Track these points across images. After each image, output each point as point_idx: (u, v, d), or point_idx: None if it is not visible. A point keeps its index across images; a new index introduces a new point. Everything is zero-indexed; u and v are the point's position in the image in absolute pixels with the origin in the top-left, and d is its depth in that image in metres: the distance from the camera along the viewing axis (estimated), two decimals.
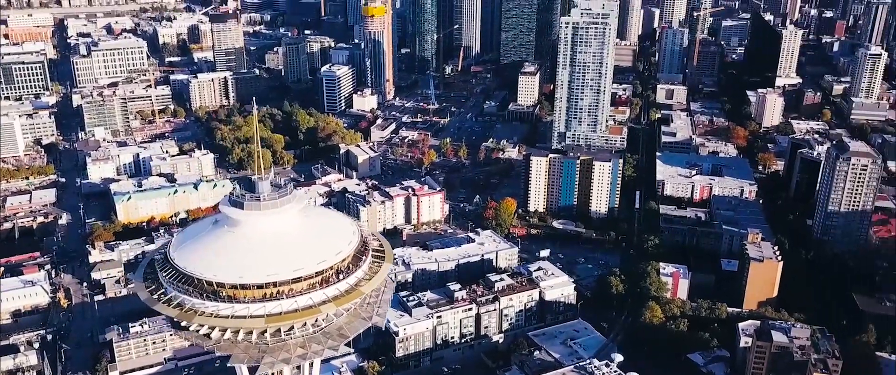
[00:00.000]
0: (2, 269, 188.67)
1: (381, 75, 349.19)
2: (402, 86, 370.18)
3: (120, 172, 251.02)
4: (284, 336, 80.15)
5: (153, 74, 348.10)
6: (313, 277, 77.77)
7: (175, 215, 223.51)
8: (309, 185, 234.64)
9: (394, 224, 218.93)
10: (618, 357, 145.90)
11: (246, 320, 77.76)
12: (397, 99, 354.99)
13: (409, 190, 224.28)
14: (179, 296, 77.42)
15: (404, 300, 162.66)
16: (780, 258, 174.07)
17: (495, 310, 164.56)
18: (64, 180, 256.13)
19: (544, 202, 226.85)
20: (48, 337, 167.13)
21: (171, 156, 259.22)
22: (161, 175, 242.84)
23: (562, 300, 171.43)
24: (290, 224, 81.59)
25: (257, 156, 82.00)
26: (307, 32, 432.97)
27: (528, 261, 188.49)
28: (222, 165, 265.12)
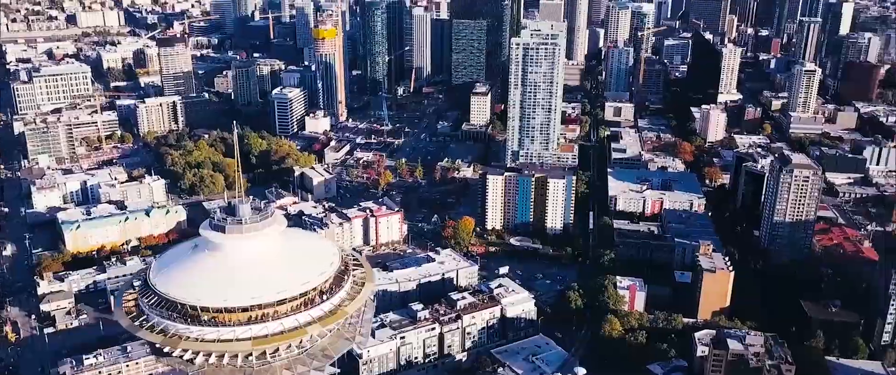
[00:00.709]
0: None
1: (333, 97, 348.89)
2: (354, 107, 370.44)
3: (67, 200, 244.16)
4: (270, 358, 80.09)
5: (98, 100, 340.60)
6: (298, 298, 77.94)
7: (126, 243, 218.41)
8: None
9: (352, 246, 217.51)
10: (581, 371, 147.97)
11: (232, 343, 77.52)
12: (350, 120, 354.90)
13: (367, 211, 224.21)
14: (163, 322, 76.42)
15: None
16: (731, 268, 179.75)
17: (458, 329, 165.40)
18: (7, 209, 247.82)
19: (501, 220, 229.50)
20: None
21: (121, 183, 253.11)
22: (110, 202, 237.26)
23: (523, 316, 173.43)
24: (271, 246, 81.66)
25: (238, 180, 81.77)
26: (256, 55, 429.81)
27: (488, 279, 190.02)
28: (174, 190, 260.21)
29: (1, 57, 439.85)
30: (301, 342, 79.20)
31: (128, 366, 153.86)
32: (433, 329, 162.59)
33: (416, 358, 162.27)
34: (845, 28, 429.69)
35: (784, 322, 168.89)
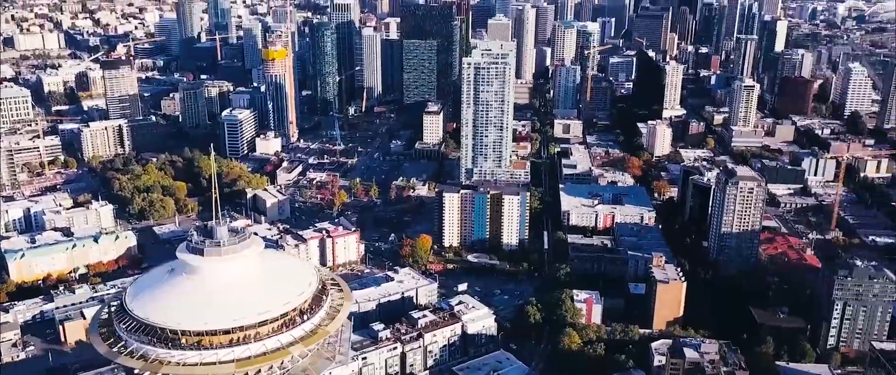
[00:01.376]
0: None
1: (284, 118, 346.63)
2: (305, 128, 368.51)
3: (9, 228, 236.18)
4: None
5: (40, 124, 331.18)
6: (279, 319, 77.55)
7: (74, 271, 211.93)
8: None
9: None
10: None
11: (215, 366, 76.55)
12: (302, 141, 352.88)
13: (323, 232, 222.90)
14: (142, 347, 75.12)
15: None
16: (683, 279, 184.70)
17: (420, 347, 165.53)
18: None
19: (458, 237, 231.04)
20: None
21: (66, 209, 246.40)
22: (56, 229, 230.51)
23: (483, 332, 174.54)
24: (250, 268, 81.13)
25: (215, 203, 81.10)
26: (204, 77, 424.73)
27: (447, 296, 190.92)
28: (122, 216, 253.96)
29: None
30: (283, 363, 78.77)
31: None
32: (395, 348, 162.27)
33: None
34: (780, 45, 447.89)
35: (735, 330, 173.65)
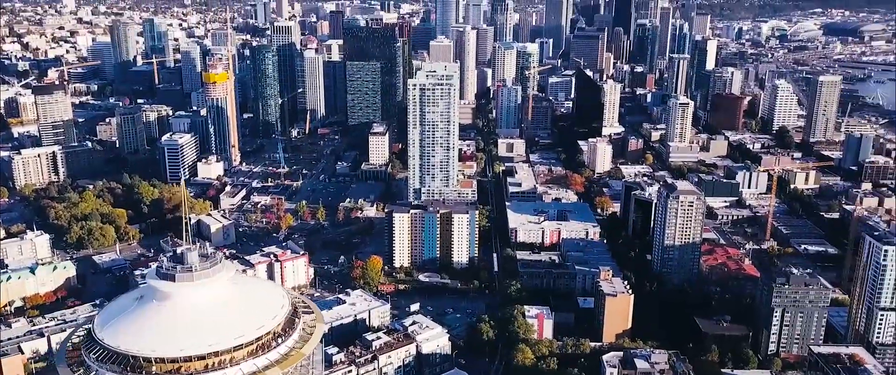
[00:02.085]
0: None
1: (225, 142, 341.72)
2: (248, 151, 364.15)
3: None
4: None
5: None
6: (254, 343, 76.90)
7: (10, 305, 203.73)
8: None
9: None
10: None
11: None
12: (244, 164, 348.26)
13: (271, 256, 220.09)
14: None
15: None
16: (630, 291, 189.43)
17: (375, 370, 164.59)
18: None
19: (409, 257, 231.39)
20: None
21: None
22: None
23: (438, 351, 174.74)
24: (222, 293, 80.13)
25: (185, 228, 80.00)
26: (141, 101, 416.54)
27: (400, 317, 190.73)
28: (59, 245, 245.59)
29: None
30: None
31: None
32: (350, 371, 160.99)
33: None
34: (711, 64, 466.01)
35: (681, 340, 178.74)
